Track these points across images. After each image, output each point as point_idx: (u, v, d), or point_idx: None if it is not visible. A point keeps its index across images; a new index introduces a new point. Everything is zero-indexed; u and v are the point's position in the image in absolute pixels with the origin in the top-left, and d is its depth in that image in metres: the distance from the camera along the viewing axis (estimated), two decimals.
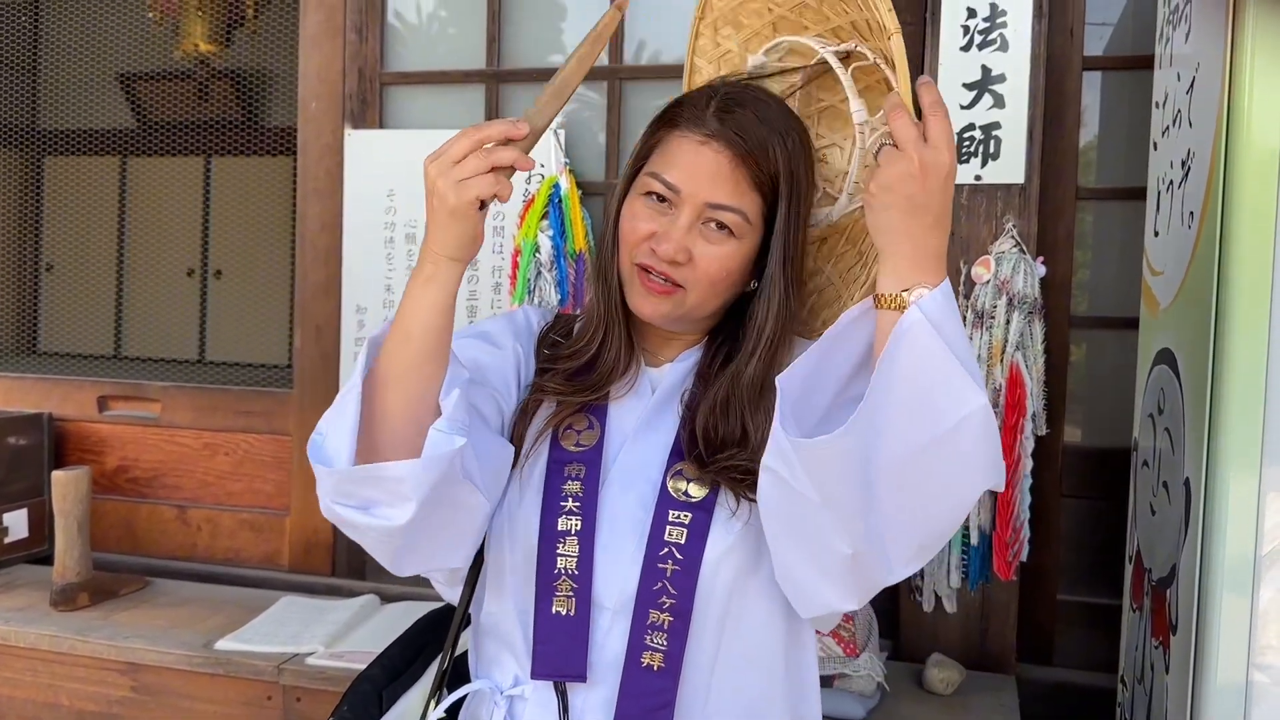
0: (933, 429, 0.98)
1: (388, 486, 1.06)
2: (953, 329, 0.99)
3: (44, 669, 2.31)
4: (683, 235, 1.13)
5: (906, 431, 0.99)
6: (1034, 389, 2.12)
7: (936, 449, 0.99)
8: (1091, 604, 2.37)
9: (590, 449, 1.18)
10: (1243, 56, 1.50)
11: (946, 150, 0.99)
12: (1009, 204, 2.20)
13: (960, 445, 0.99)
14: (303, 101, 2.78)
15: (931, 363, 0.98)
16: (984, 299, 2.14)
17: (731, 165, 1.13)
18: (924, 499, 1.02)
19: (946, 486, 1.01)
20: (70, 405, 3.02)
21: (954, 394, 0.98)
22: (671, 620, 1.12)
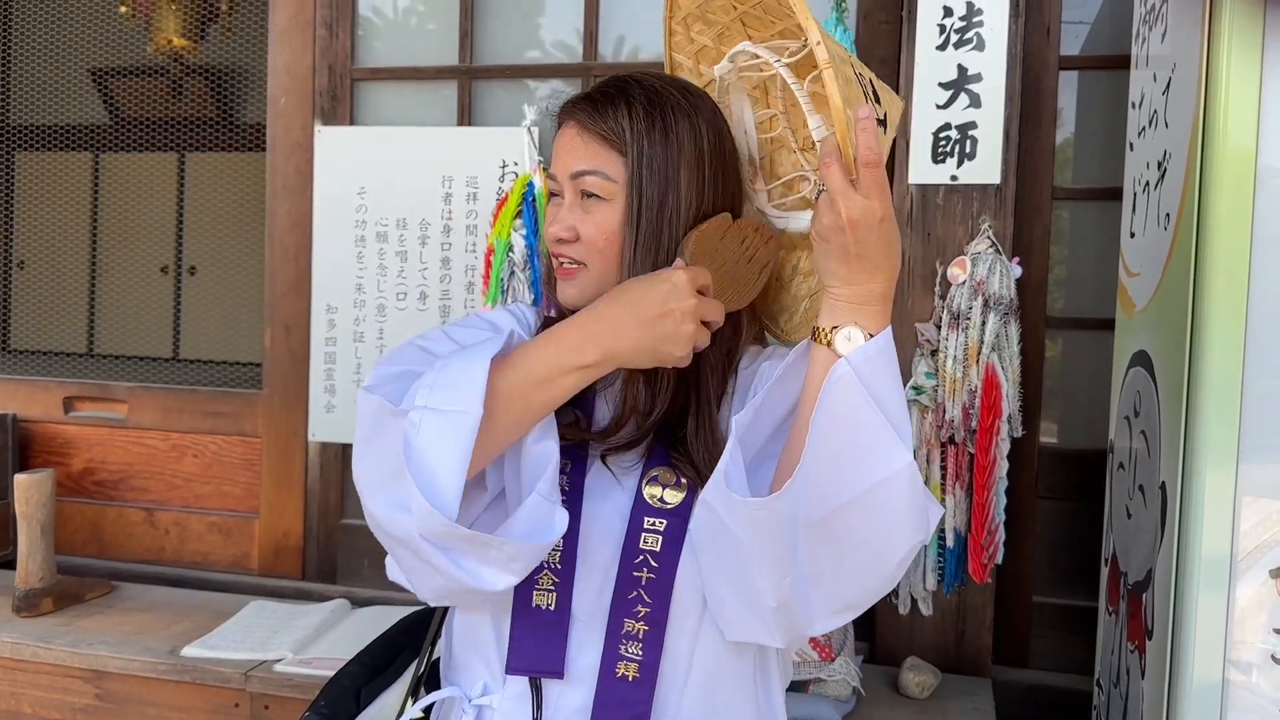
0: (857, 484, 0.98)
1: (497, 556, 1.03)
2: (883, 383, 0.99)
3: (5, 677, 2.26)
4: (566, 215, 1.16)
5: (831, 485, 0.98)
6: (1010, 390, 2.10)
7: (861, 504, 0.98)
8: (1067, 606, 2.36)
9: (575, 444, 1.17)
10: (1219, 57, 1.49)
11: (878, 199, 0.96)
12: (985, 204, 2.18)
13: (885, 502, 0.99)
14: (272, 97, 2.74)
15: (857, 418, 0.97)
16: (960, 300, 2.13)
17: (579, 131, 1.16)
18: (847, 553, 1.01)
19: (869, 542, 1.01)
20: (35, 406, 2.97)
21: (878, 451, 0.98)
22: (647, 630, 1.10)
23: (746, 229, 1.17)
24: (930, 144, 2.19)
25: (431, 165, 2.58)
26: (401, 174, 2.60)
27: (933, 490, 2.16)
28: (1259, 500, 1.50)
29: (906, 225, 2.23)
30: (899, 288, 2.22)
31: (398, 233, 2.62)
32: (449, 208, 2.58)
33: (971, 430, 2.11)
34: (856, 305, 1.00)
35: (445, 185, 2.57)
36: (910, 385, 2.17)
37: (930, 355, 2.18)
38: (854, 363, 0.98)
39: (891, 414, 0.98)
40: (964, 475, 2.15)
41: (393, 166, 2.61)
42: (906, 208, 2.22)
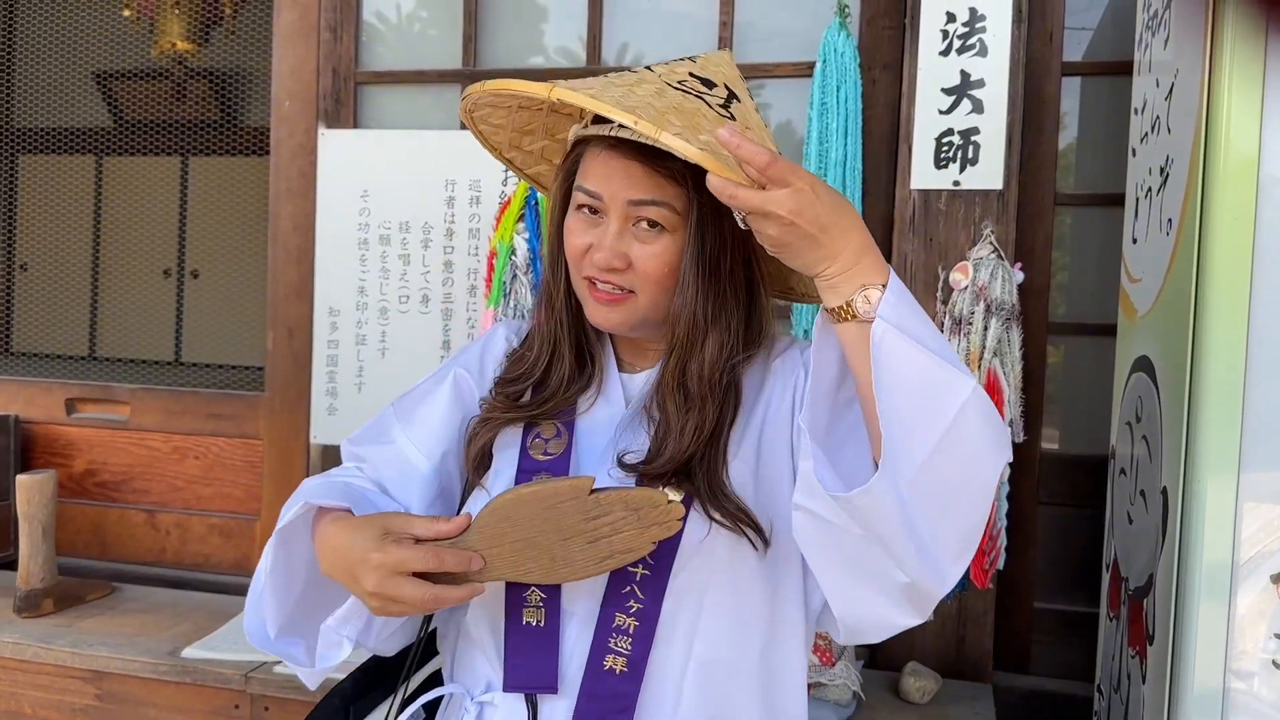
0: (937, 429, 0.97)
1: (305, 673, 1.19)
2: (917, 324, 0.98)
3: (6, 677, 2.26)
4: (615, 241, 1.12)
5: (914, 442, 0.98)
6: (1011, 396, 2.10)
7: (947, 446, 0.98)
8: (1068, 612, 2.36)
9: (557, 458, 1.17)
10: (1221, 63, 1.49)
11: (794, 177, 0.95)
12: (987, 209, 2.19)
13: (966, 433, 0.98)
14: (276, 100, 2.75)
15: (914, 367, 0.97)
16: (961, 305, 2.13)
17: (640, 161, 1.11)
18: (950, 497, 1.01)
19: (967, 478, 1.01)
20: (37, 407, 2.97)
21: (943, 388, 0.98)
22: (637, 625, 1.10)
23: (613, 504, 1.04)
24: (933, 149, 2.19)
25: (434, 169, 2.58)
26: (404, 177, 2.61)
27: None
28: (1261, 506, 1.50)
29: (909, 230, 2.23)
30: None
31: (400, 236, 2.62)
32: (452, 211, 2.58)
33: None
34: (853, 269, 0.99)
35: (448, 189, 2.58)
36: None
37: None
38: (886, 316, 0.97)
39: (936, 347, 0.98)
40: None
41: (396, 170, 2.61)
42: (909, 213, 2.23)
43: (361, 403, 2.65)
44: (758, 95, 2.52)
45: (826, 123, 2.28)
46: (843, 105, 2.27)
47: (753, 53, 2.49)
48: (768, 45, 2.48)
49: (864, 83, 2.30)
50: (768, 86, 2.50)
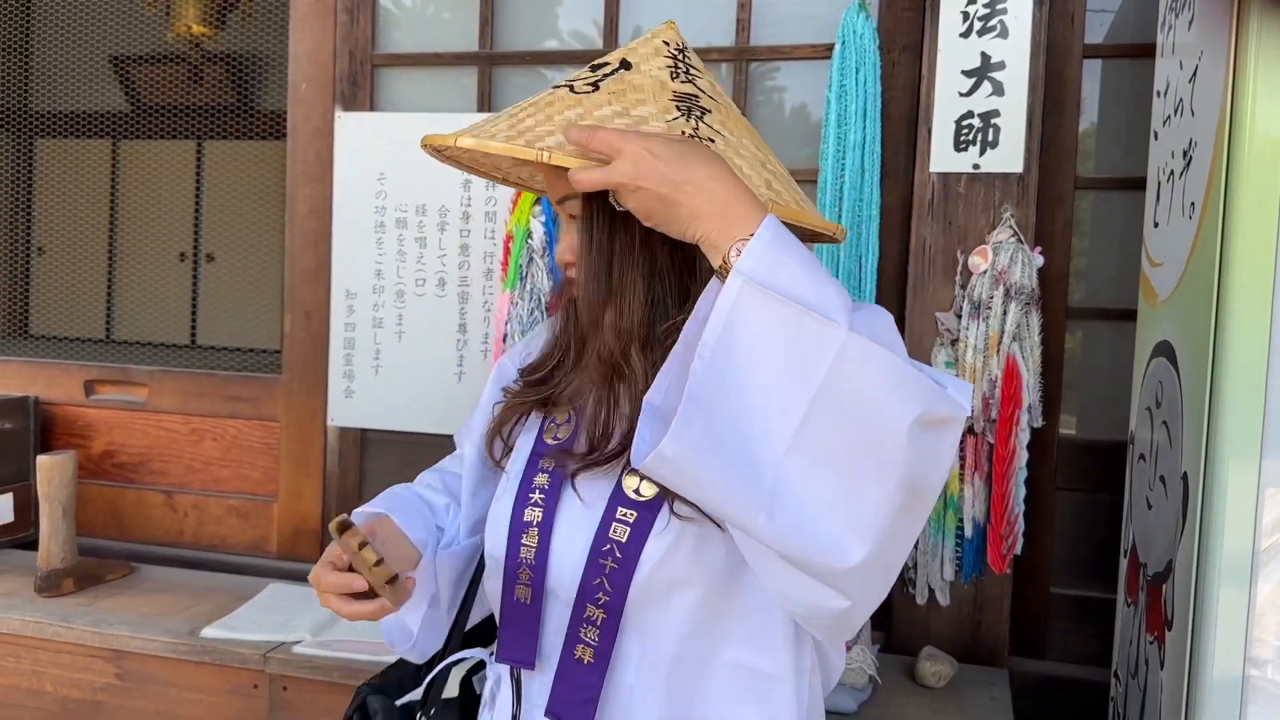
0: (809, 386, 0.88)
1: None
2: (787, 273, 0.90)
3: (28, 655, 2.28)
4: (564, 238, 1.15)
5: (783, 401, 0.89)
6: (1030, 381, 2.10)
7: (826, 402, 0.88)
8: (1085, 598, 2.35)
9: (564, 442, 1.19)
10: (1247, 45, 1.48)
11: (623, 141, 0.95)
12: (1007, 193, 2.17)
13: (849, 387, 0.88)
14: (293, 84, 2.75)
15: (774, 320, 0.89)
16: (981, 289, 2.12)
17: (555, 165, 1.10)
18: (846, 463, 0.90)
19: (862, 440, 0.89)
20: (57, 389, 2.99)
21: (810, 341, 0.88)
22: (604, 617, 1.11)
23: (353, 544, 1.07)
24: (953, 132, 2.18)
25: None
26: (421, 160, 2.59)
27: (950, 481, 2.16)
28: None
29: (928, 213, 2.22)
30: (919, 276, 2.22)
31: (417, 219, 2.62)
32: (468, 194, 2.58)
33: (991, 420, 2.10)
34: (723, 222, 0.93)
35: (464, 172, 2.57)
36: None
37: (950, 345, 2.17)
38: (745, 269, 0.90)
39: (808, 297, 0.89)
40: (983, 465, 2.14)
41: (412, 152, 2.60)
42: (928, 196, 2.22)
43: (378, 385, 2.65)
44: (773, 78, 2.51)
45: (845, 105, 2.27)
46: (861, 88, 2.26)
47: (771, 35, 2.47)
48: (786, 28, 2.47)
49: (883, 65, 2.28)
50: (784, 69, 2.49)
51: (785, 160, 2.51)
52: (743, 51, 2.47)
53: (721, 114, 1.11)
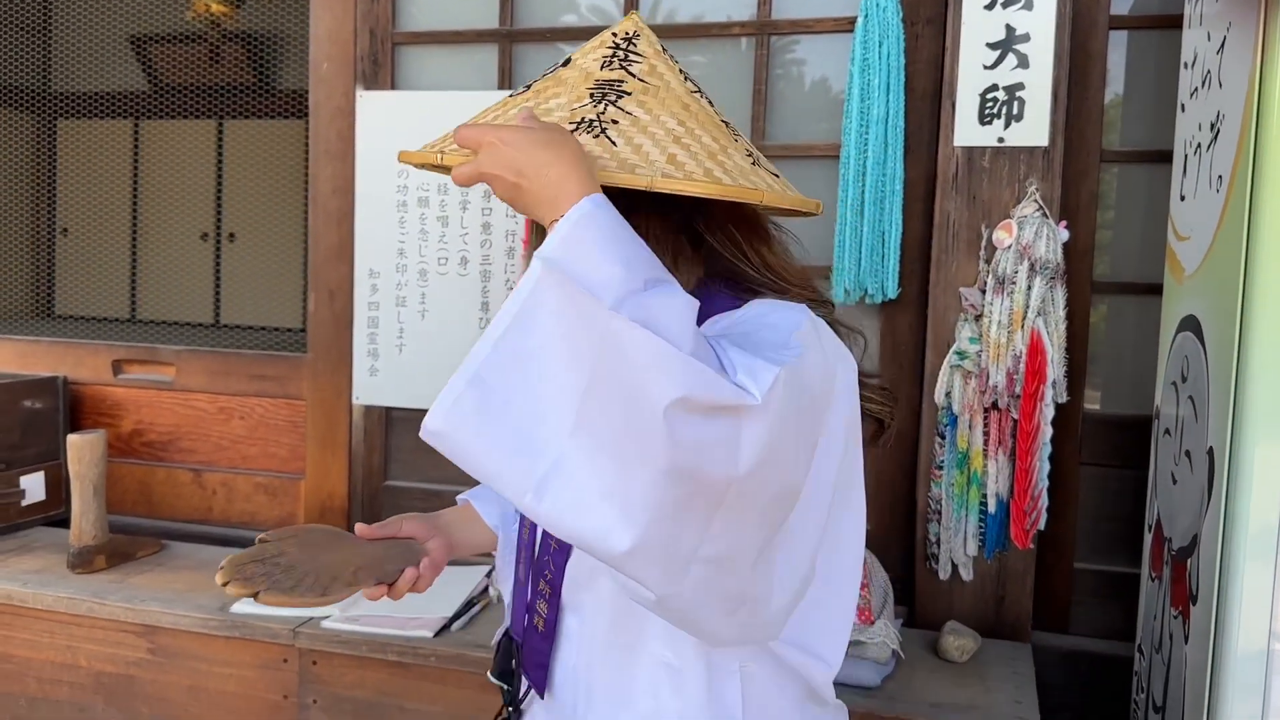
0: (582, 368, 0.87)
1: None
2: (583, 253, 0.87)
3: (62, 631, 2.32)
4: None
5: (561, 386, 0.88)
6: (1055, 356, 2.09)
7: (598, 386, 0.86)
8: (1109, 573, 2.35)
9: None
10: (1277, 15, 1.46)
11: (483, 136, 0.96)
12: (1032, 167, 2.16)
13: (611, 368, 0.85)
14: (314, 63, 2.75)
15: (565, 302, 0.87)
16: (1005, 264, 2.11)
17: None
18: (619, 445, 0.86)
19: (627, 421, 0.85)
20: (85, 369, 3.02)
21: (585, 321, 0.86)
22: (549, 592, 1.17)
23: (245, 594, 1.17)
24: (977, 105, 2.16)
25: None
26: None
27: (974, 457, 2.16)
28: None
29: (952, 188, 2.21)
30: (943, 251, 2.21)
31: (439, 198, 2.63)
32: None
33: (1015, 396, 2.10)
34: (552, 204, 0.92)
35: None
36: (954, 350, 2.16)
37: (974, 320, 2.16)
38: (545, 252, 0.88)
39: (592, 277, 0.86)
40: (1007, 441, 2.14)
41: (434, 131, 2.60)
42: (952, 170, 2.20)
43: (402, 364, 2.67)
44: (793, 51, 2.49)
45: (868, 79, 2.26)
46: (885, 61, 2.24)
47: (793, 8, 2.46)
48: (808, 1, 2.45)
49: (906, 38, 2.26)
50: (806, 42, 2.47)
51: (805, 135, 2.49)
52: (764, 25, 2.46)
53: (649, 95, 1.09)
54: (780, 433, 0.87)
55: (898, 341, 2.38)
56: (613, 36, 1.15)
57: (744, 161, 1.07)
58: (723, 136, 1.09)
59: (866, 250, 2.29)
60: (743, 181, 1.03)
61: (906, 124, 2.27)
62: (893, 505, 2.41)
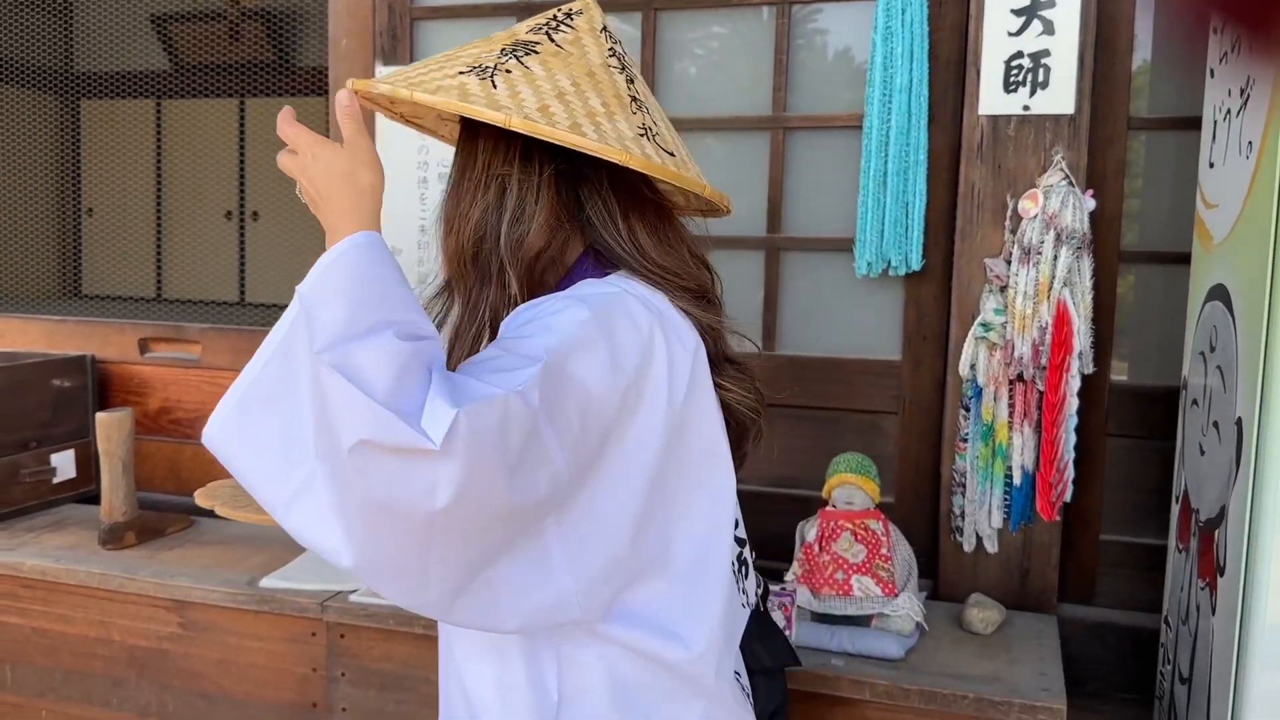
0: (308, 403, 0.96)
1: None
2: (324, 296, 0.95)
3: (95, 606, 2.36)
4: None
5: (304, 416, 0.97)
6: (1081, 326, 2.07)
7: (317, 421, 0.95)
8: (1135, 544, 2.34)
9: None
10: None
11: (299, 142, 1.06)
12: (1058, 135, 2.13)
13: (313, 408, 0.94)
14: (333, 39, 2.75)
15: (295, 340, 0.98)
16: (1031, 234, 2.09)
17: None
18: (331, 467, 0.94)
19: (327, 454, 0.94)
20: (111, 348, 3.05)
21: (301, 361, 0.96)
22: None
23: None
24: (1002, 73, 2.13)
25: None
26: None
27: (999, 429, 2.14)
28: None
29: (976, 157, 2.18)
30: (968, 222, 2.19)
31: None
32: None
33: (1041, 367, 2.08)
34: (330, 235, 1.03)
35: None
36: (979, 322, 2.14)
37: (1000, 291, 2.14)
38: (303, 290, 0.98)
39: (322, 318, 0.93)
40: (1032, 413, 2.12)
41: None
42: (976, 139, 2.18)
43: None
44: (814, 20, 2.46)
45: (891, 48, 2.23)
46: (908, 29, 2.21)
47: None
48: None
49: (929, 5, 2.23)
50: (827, 10, 2.44)
51: (827, 106, 2.46)
52: None
53: (556, 58, 1.12)
54: (480, 466, 0.88)
55: (922, 314, 2.37)
56: (558, 10, 1.19)
57: (630, 131, 1.08)
58: (619, 108, 1.10)
59: (890, 222, 2.27)
60: (614, 143, 1.05)
61: (930, 93, 2.25)
62: (916, 478, 2.40)
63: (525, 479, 0.93)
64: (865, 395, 2.43)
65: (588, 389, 0.97)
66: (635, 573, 1.07)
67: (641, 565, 1.07)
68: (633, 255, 1.12)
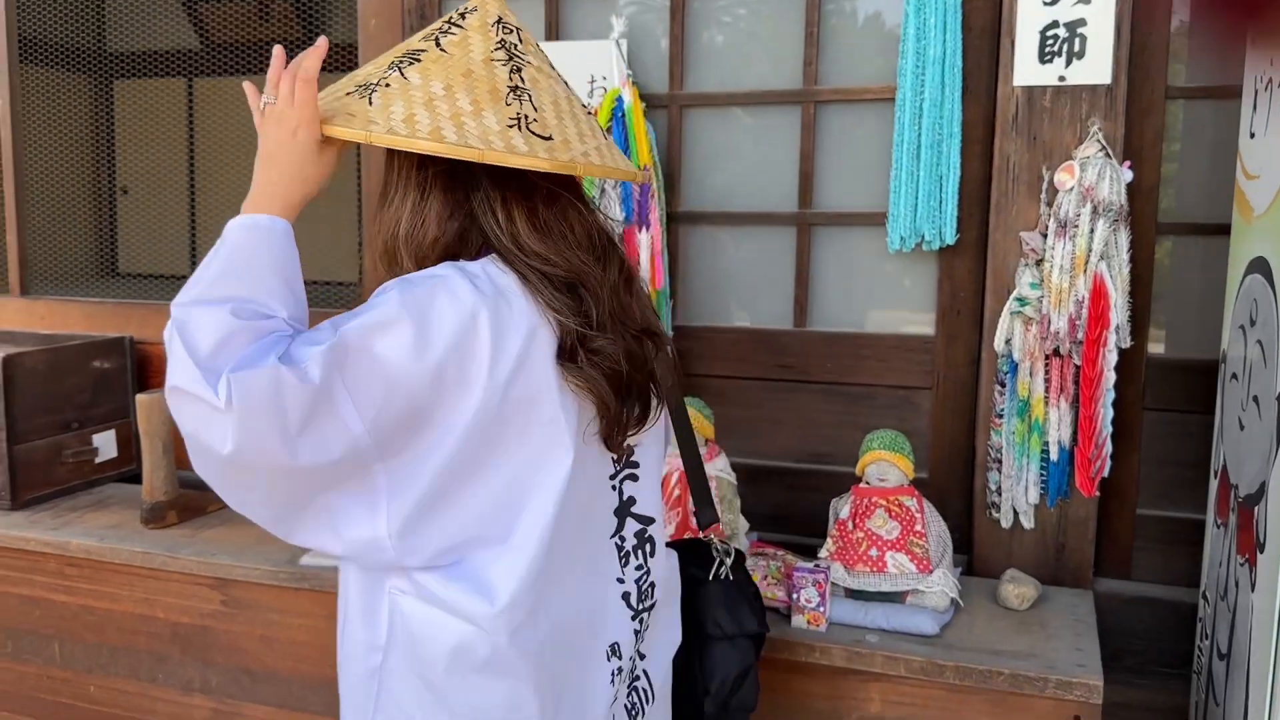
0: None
1: None
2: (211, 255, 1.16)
3: (139, 584, 2.40)
4: None
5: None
6: (1118, 300, 2.04)
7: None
8: (1173, 518, 2.32)
9: None
10: None
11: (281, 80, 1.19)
12: (1095, 106, 2.10)
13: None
14: (362, 18, 2.75)
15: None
16: (1067, 207, 2.06)
17: None
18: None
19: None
20: (150, 328, 3.08)
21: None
22: None
23: None
24: (1037, 43, 2.10)
25: None
26: None
27: (1035, 404, 2.13)
28: None
29: (1011, 129, 2.15)
30: (1003, 195, 2.17)
31: None
32: None
33: (1078, 342, 2.06)
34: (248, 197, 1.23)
35: None
36: (1014, 296, 2.12)
37: (1036, 265, 2.12)
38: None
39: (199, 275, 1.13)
40: (1069, 388, 2.10)
41: None
42: (1011, 111, 2.15)
43: None
44: None
45: (924, 18, 2.20)
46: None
47: None
48: None
49: None
50: None
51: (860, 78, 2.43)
52: None
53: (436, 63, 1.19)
54: (250, 424, 1.04)
55: (956, 288, 2.35)
56: (454, 12, 1.25)
57: (497, 125, 1.16)
58: (491, 103, 1.17)
59: (923, 195, 2.25)
60: (474, 143, 1.13)
61: (964, 64, 2.22)
62: (950, 454, 2.39)
63: (313, 443, 1.07)
64: (899, 371, 2.42)
65: (390, 364, 1.08)
66: (451, 529, 1.16)
67: (458, 524, 1.16)
68: (500, 240, 1.19)
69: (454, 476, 1.13)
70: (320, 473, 1.09)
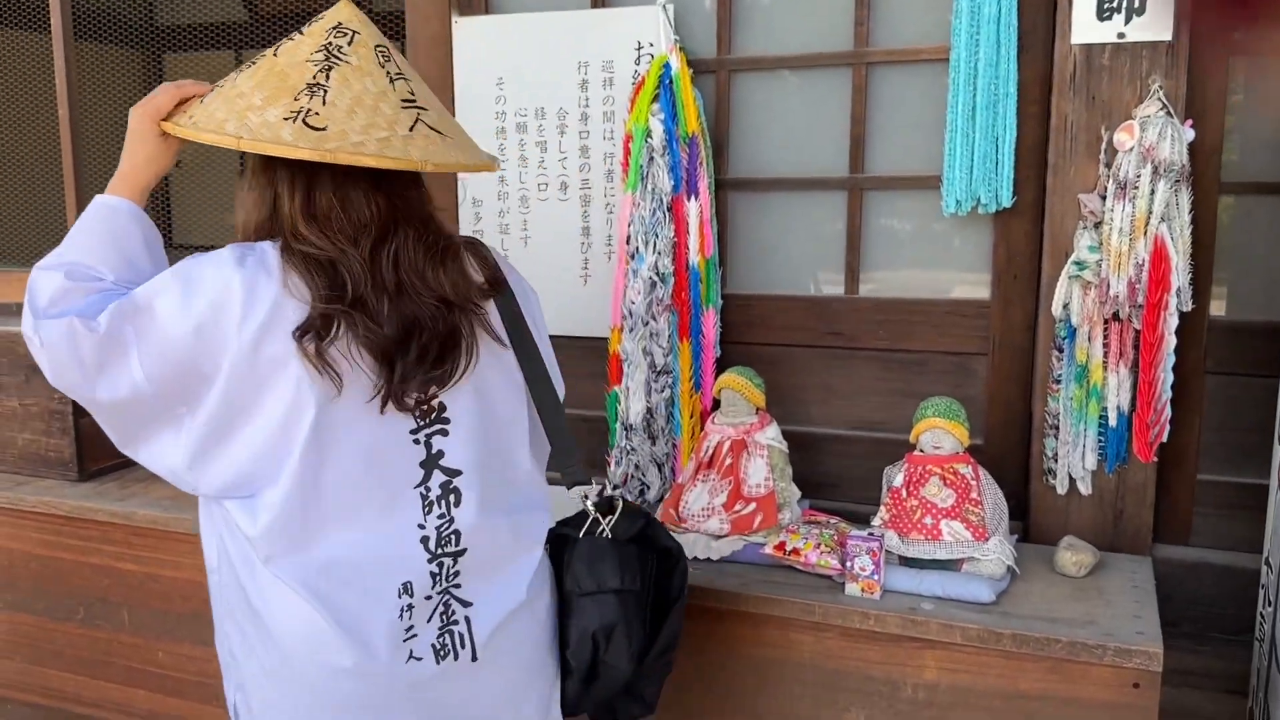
0: None
1: None
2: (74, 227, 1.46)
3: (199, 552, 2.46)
4: None
5: None
6: (1180, 263, 2.00)
7: None
8: (1234, 483, 2.28)
9: None
10: None
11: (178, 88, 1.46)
12: (1155, 63, 2.04)
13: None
14: None
15: None
16: (1127, 167, 2.01)
17: None
18: None
19: None
20: None
21: None
22: None
23: None
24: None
25: (567, 51, 2.55)
26: (538, 62, 2.59)
27: (1094, 369, 2.10)
28: None
29: (1069, 88, 2.10)
30: (1061, 156, 2.12)
31: (536, 123, 2.62)
32: (586, 95, 2.56)
33: (1138, 305, 2.02)
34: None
35: (581, 71, 2.55)
36: (1073, 260, 2.09)
37: (1094, 227, 2.08)
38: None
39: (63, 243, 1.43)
40: (1128, 353, 2.07)
41: (529, 55, 2.60)
42: (1069, 69, 2.10)
43: None
44: None
45: None
46: None
47: None
48: None
49: None
50: None
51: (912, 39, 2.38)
52: None
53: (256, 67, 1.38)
54: (56, 360, 1.35)
55: (1012, 252, 2.31)
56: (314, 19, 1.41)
57: (275, 118, 1.30)
58: (281, 99, 1.31)
59: (979, 157, 2.21)
60: (233, 131, 1.30)
61: (1020, 22, 2.17)
62: (1006, 421, 2.36)
63: (107, 381, 1.33)
64: (953, 337, 2.39)
65: (163, 319, 1.31)
66: (233, 467, 1.36)
67: (236, 463, 1.36)
68: (282, 225, 1.37)
69: (226, 421, 1.34)
70: (121, 407, 1.36)
